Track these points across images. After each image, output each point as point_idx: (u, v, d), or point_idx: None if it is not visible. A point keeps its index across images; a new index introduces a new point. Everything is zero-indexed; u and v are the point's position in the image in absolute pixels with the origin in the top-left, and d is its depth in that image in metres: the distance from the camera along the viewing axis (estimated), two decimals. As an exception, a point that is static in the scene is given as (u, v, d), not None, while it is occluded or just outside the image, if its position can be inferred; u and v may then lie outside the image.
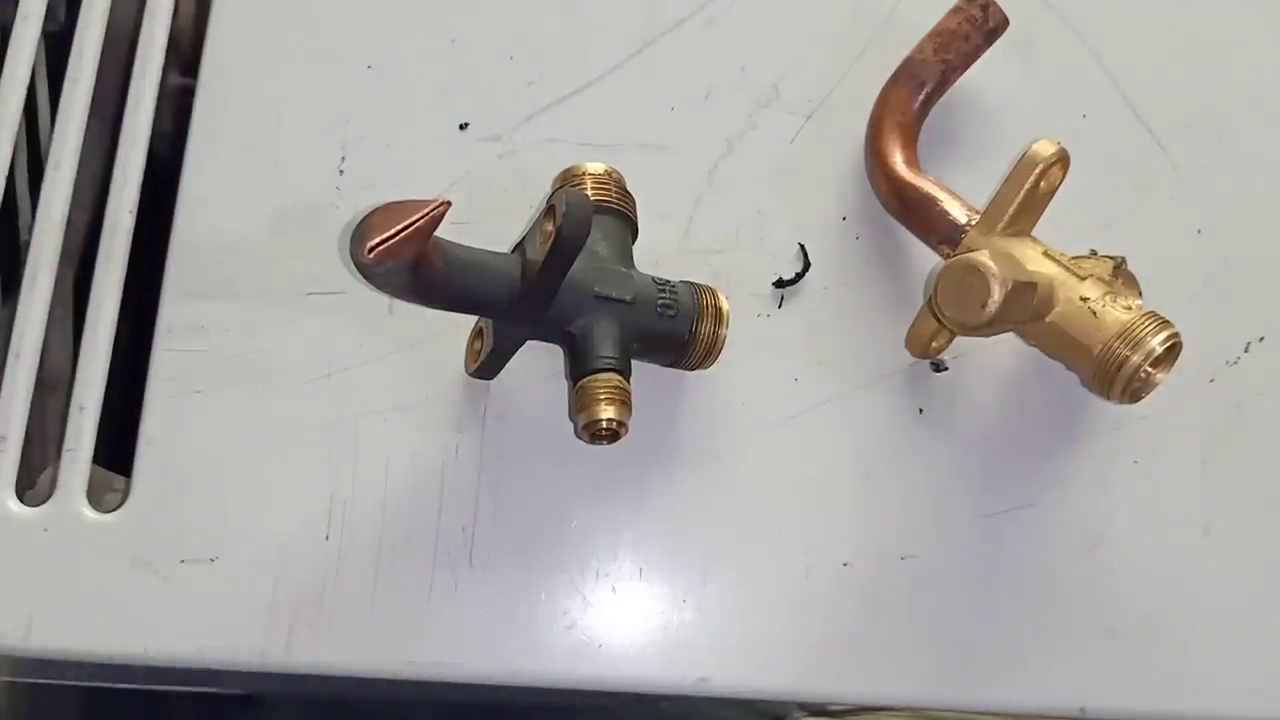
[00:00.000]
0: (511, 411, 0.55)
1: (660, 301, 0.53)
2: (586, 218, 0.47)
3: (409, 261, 0.44)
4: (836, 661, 0.53)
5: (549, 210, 0.47)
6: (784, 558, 0.54)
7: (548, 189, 0.57)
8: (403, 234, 0.43)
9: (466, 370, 0.55)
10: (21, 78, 0.60)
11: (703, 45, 0.63)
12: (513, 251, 0.50)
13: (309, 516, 0.53)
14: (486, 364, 0.53)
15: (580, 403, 0.50)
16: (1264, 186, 0.62)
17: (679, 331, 0.53)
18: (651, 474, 0.55)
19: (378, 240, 0.43)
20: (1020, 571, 0.54)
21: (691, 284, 0.54)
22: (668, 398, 0.56)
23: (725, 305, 0.54)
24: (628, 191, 0.55)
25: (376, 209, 0.43)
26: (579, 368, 0.51)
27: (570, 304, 0.51)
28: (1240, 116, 0.64)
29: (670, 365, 0.55)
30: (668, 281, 0.54)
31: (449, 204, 0.43)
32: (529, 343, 0.54)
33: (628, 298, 0.52)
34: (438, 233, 0.44)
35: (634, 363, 0.52)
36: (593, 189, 0.54)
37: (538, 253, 0.47)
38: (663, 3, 0.64)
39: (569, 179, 0.55)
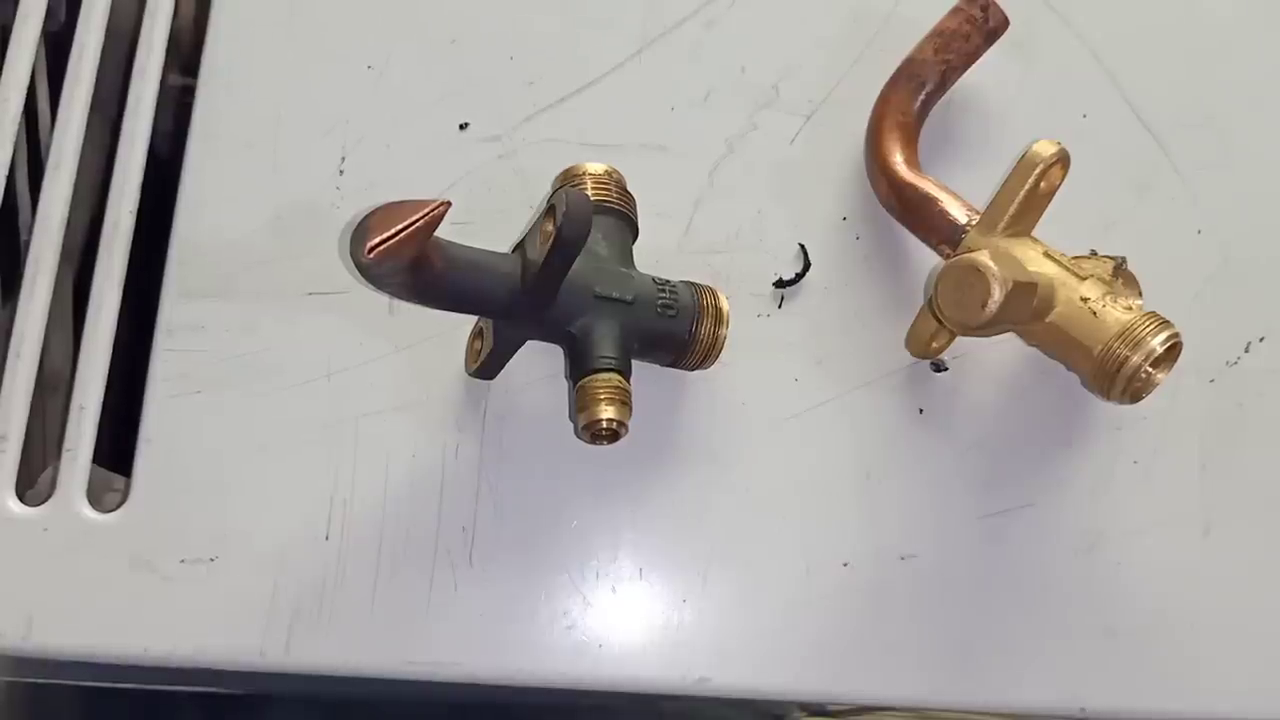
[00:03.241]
0: (511, 411, 0.55)
1: (660, 301, 0.53)
2: (586, 218, 0.47)
3: (409, 261, 0.44)
4: (836, 661, 0.53)
5: (549, 210, 0.47)
6: (784, 558, 0.54)
7: (548, 189, 0.57)
8: (403, 234, 0.43)
9: (466, 370, 0.55)
10: (21, 78, 0.60)
11: (703, 45, 0.63)
12: (513, 251, 0.50)
13: (309, 516, 0.53)
14: (486, 364, 0.53)
15: (580, 403, 0.50)
16: (1264, 186, 0.62)
17: (679, 331, 0.53)
18: (651, 474, 0.55)
19: (378, 240, 0.43)
20: (1020, 571, 0.54)
21: (691, 284, 0.54)
22: (668, 398, 0.56)
23: (725, 305, 0.54)
24: (628, 191, 0.55)
25: (376, 209, 0.43)
26: (579, 368, 0.51)
27: (570, 304, 0.51)
28: (1240, 117, 0.64)
29: (670, 365, 0.55)
30: (668, 281, 0.54)
31: (449, 204, 0.43)
32: (529, 343, 0.54)
33: (628, 298, 0.52)
34: (438, 233, 0.44)
35: (634, 363, 0.52)
36: (593, 189, 0.54)
37: (538, 253, 0.47)
38: (663, 3, 0.64)
39: (569, 179, 0.55)
